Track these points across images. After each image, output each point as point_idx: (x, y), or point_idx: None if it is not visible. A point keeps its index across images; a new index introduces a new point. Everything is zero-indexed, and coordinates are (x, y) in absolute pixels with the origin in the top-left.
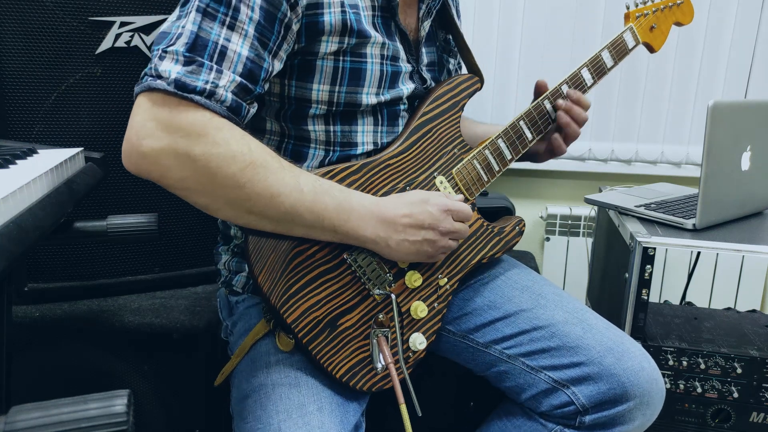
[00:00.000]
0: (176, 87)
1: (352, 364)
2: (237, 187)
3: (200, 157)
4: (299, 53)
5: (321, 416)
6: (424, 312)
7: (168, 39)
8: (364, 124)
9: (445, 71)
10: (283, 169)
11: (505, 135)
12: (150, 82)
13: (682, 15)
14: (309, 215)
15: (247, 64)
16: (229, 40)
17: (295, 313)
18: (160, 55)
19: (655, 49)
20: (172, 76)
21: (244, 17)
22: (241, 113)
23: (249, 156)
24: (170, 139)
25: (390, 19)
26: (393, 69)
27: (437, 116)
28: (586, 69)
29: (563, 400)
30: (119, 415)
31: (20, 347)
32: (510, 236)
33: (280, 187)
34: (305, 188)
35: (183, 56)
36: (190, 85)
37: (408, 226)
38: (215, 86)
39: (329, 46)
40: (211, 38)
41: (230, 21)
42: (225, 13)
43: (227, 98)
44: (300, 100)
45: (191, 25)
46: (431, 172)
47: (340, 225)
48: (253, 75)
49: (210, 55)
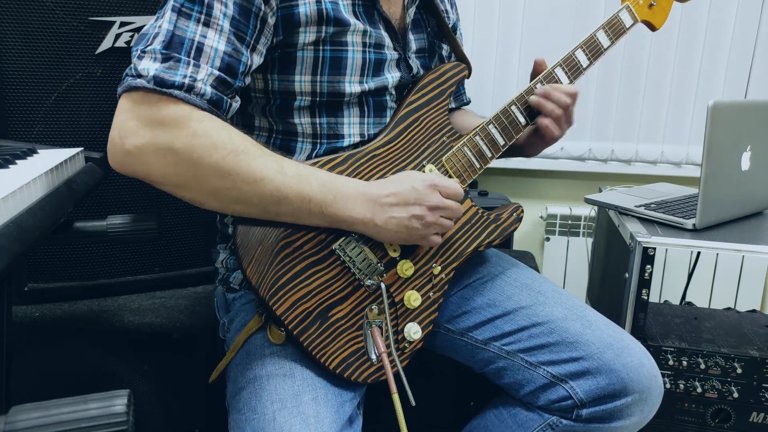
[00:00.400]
0: (155, 83)
1: (346, 355)
2: (221, 176)
3: (182, 149)
4: (279, 46)
5: (316, 405)
6: (417, 301)
7: (146, 39)
8: (350, 116)
9: (437, 57)
10: (266, 155)
11: (496, 120)
12: (130, 82)
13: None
14: (295, 197)
15: (225, 58)
16: (205, 36)
17: (284, 305)
18: (138, 55)
19: (656, 26)
20: (150, 73)
21: (218, 13)
22: (223, 106)
23: (230, 144)
24: (152, 134)
25: (371, 7)
26: (377, 57)
27: (424, 105)
28: (580, 50)
29: (561, 394)
30: (119, 415)
31: (20, 347)
32: (508, 223)
33: (264, 171)
34: (288, 171)
35: (160, 53)
36: (169, 81)
37: (394, 204)
38: (193, 80)
39: (307, 37)
40: (187, 35)
41: (205, 18)
42: (199, 11)
43: (206, 91)
44: (284, 93)
45: (167, 24)
46: (420, 161)
47: (326, 206)
48: (231, 69)
49: (187, 51)
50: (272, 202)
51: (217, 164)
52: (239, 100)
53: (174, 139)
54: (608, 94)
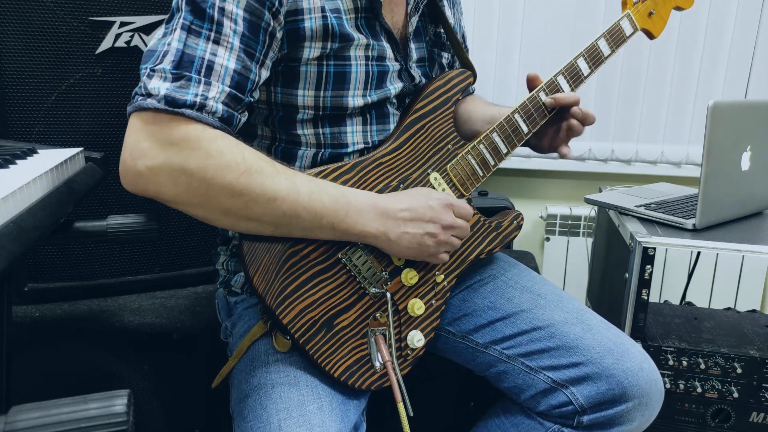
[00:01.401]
0: (166, 103)
1: (350, 363)
2: (234, 196)
3: (196, 170)
4: (283, 60)
5: (321, 415)
6: (421, 309)
7: (155, 57)
8: (353, 125)
9: (437, 66)
10: (279, 173)
11: (499, 129)
12: (140, 102)
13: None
14: (307, 215)
15: (235, 76)
16: (216, 54)
17: (291, 314)
18: (148, 74)
19: (655, 35)
20: (161, 93)
21: (228, 30)
22: (233, 122)
23: (244, 164)
24: (164, 156)
25: (374, 19)
26: (379, 69)
27: (429, 112)
28: (582, 58)
29: (562, 400)
30: (119, 415)
31: (20, 347)
32: (508, 231)
33: (277, 190)
34: (302, 189)
35: (171, 73)
36: (180, 100)
37: (408, 219)
38: (205, 98)
39: (312, 52)
40: (197, 54)
41: (215, 36)
42: (209, 29)
43: (218, 109)
44: (287, 106)
45: (177, 43)
46: (425, 168)
47: (338, 222)
48: (241, 86)
49: (197, 70)
50: (284, 222)
51: (231, 185)
52: (247, 114)
53: (187, 159)
54: (608, 94)
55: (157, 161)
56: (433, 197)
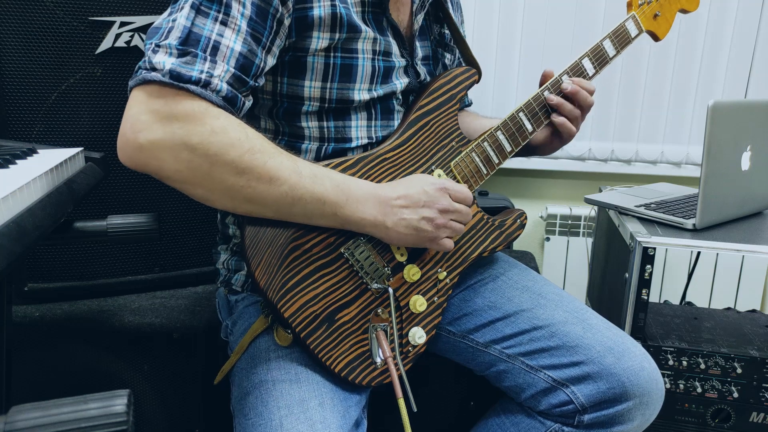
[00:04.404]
0: (171, 77)
1: (351, 358)
2: (236, 174)
3: (198, 145)
4: (290, 49)
5: (322, 411)
6: (423, 306)
7: (160, 33)
8: (357, 119)
9: (440, 65)
10: (281, 154)
11: (504, 127)
12: (145, 75)
13: (687, 2)
14: (309, 198)
15: (240, 59)
16: (222, 35)
17: (292, 308)
18: (153, 48)
19: (660, 37)
20: (166, 67)
21: (236, 13)
22: (237, 104)
23: (247, 143)
24: (167, 129)
25: (381, 14)
26: (386, 64)
27: (434, 109)
28: (587, 59)
29: (562, 399)
30: (119, 415)
31: (20, 347)
32: (511, 229)
33: (279, 170)
34: (304, 171)
35: (177, 49)
36: (186, 75)
37: (404, 206)
38: (210, 76)
39: (320, 42)
40: (204, 33)
41: (223, 17)
42: (218, 10)
43: (222, 88)
44: (292, 98)
45: (184, 20)
46: (429, 165)
47: (339, 207)
48: (245, 69)
49: (203, 48)
50: (286, 202)
51: (234, 162)
52: (252, 99)
53: (190, 134)
54: (608, 94)
55: (159, 135)
56: (428, 182)
